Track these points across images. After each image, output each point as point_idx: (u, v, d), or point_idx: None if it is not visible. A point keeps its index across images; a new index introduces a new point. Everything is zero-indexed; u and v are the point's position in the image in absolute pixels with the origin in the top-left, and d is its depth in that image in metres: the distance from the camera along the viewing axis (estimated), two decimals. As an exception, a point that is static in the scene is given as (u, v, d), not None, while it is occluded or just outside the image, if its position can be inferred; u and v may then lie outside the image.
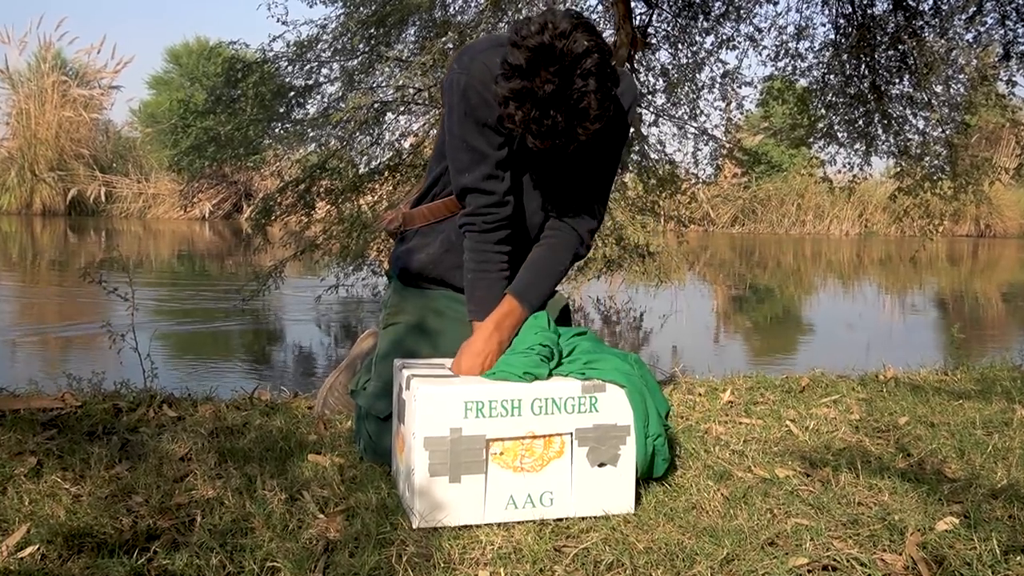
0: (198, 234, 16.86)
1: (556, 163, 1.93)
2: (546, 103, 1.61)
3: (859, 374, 3.33)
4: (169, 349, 5.61)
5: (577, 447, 1.75)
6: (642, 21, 6.66)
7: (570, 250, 2.00)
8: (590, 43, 1.61)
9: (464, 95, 1.82)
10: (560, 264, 1.99)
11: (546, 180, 1.97)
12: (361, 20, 5.92)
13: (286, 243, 7.15)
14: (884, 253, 17.21)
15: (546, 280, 1.96)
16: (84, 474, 1.86)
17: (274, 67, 6.45)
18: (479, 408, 1.69)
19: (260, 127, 6.60)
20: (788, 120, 7.65)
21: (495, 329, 1.87)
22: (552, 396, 1.73)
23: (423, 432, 1.68)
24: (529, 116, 1.63)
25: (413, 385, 1.72)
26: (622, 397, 1.78)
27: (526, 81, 1.61)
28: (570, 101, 1.61)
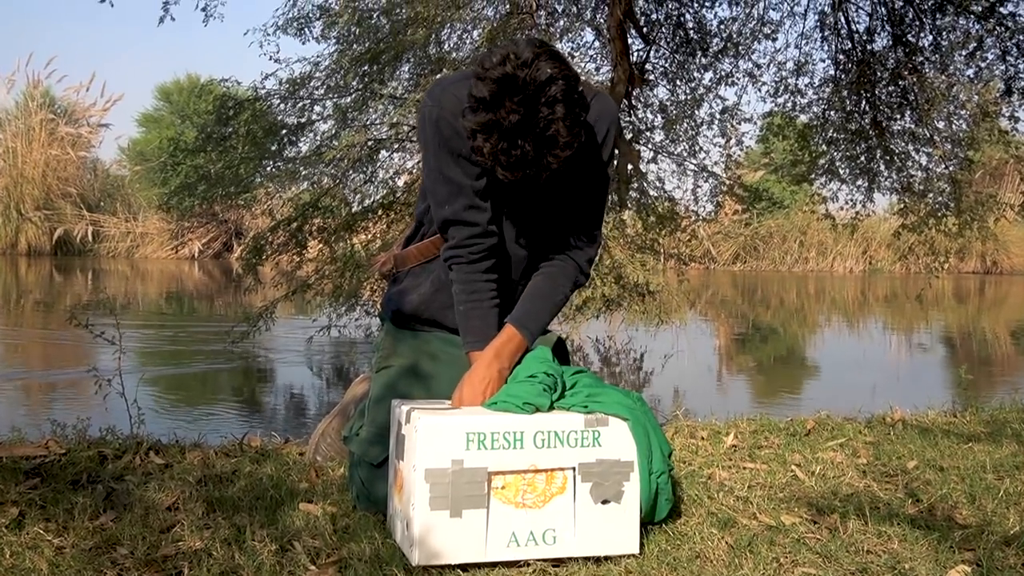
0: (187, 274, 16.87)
1: (538, 193, 1.94)
2: (513, 133, 1.63)
3: (866, 416, 3.32)
4: (157, 393, 5.58)
5: (580, 483, 1.75)
6: (640, 57, 6.74)
7: (569, 279, 2.01)
8: (554, 70, 1.63)
9: (437, 127, 1.85)
10: (559, 293, 2.00)
11: (531, 212, 1.99)
12: (355, 57, 5.98)
13: (277, 283, 7.16)
14: (889, 290, 17.24)
15: (545, 309, 1.97)
16: (67, 525, 1.85)
17: (266, 104, 6.50)
18: (480, 440, 1.69)
19: (251, 165, 6.64)
20: (789, 156, 7.71)
21: (495, 357, 1.88)
22: (555, 429, 1.73)
23: (424, 464, 1.68)
24: (497, 148, 1.65)
25: (414, 417, 1.72)
26: (625, 431, 1.78)
27: (491, 113, 1.63)
28: (537, 129, 1.63)
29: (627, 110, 6.77)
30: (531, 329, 1.93)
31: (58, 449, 2.40)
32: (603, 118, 1.92)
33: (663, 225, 7.09)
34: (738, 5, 6.83)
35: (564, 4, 6.57)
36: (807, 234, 21.46)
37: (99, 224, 19.21)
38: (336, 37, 6.33)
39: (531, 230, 2.00)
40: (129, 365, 6.27)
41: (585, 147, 1.88)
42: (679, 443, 2.78)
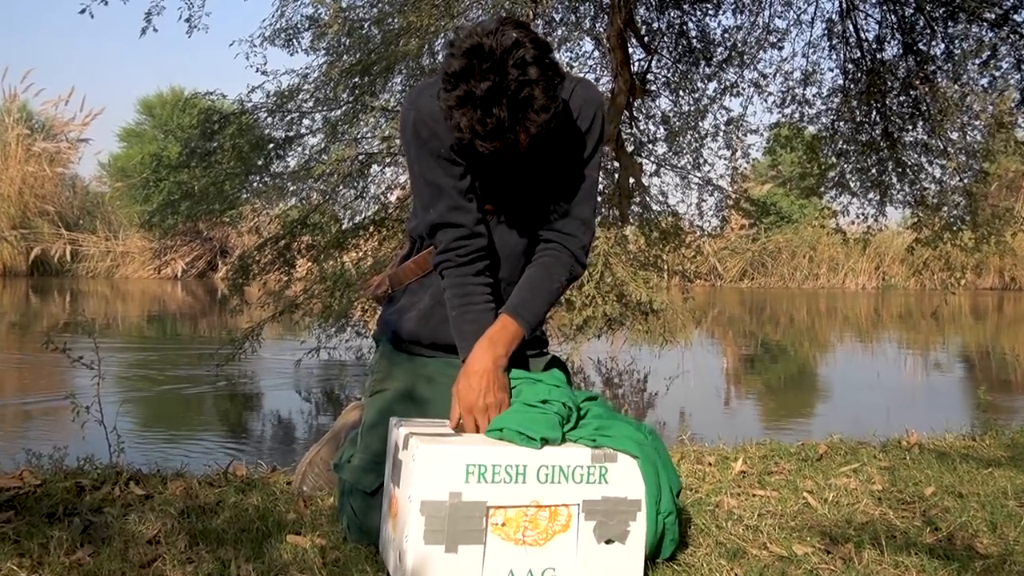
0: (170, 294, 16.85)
1: (528, 182, 1.96)
2: (486, 101, 1.66)
3: (881, 440, 3.32)
4: (137, 420, 5.56)
5: (584, 520, 1.73)
6: (641, 67, 6.78)
7: (564, 267, 2.02)
8: (520, 35, 1.68)
9: (415, 130, 1.89)
10: (555, 282, 2.01)
11: (522, 204, 2.00)
12: (345, 69, 6.01)
13: (264, 303, 7.15)
14: (904, 308, 17.25)
15: (541, 298, 1.98)
16: (43, 560, 1.83)
17: (252, 118, 6.52)
18: (481, 472, 1.68)
19: (237, 181, 6.64)
20: (797, 169, 7.75)
21: (489, 344, 1.87)
22: (560, 464, 1.72)
23: (420, 495, 1.66)
24: (473, 119, 1.68)
25: (412, 444, 1.70)
26: (634, 468, 1.76)
27: (463, 84, 1.67)
28: (509, 92, 1.66)
29: (628, 122, 6.81)
30: (526, 318, 1.93)
31: (33, 480, 2.39)
32: (589, 103, 1.95)
33: (667, 241, 7.11)
34: (742, 13, 6.89)
35: (562, 13, 6.61)
36: (817, 249, 21.51)
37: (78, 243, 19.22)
38: (326, 48, 6.37)
39: (523, 224, 2.02)
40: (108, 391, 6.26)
41: (570, 130, 1.92)
42: (685, 469, 2.77)
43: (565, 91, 1.89)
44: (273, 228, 7.13)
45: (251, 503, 2.28)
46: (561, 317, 6.88)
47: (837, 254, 21.40)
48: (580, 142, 1.96)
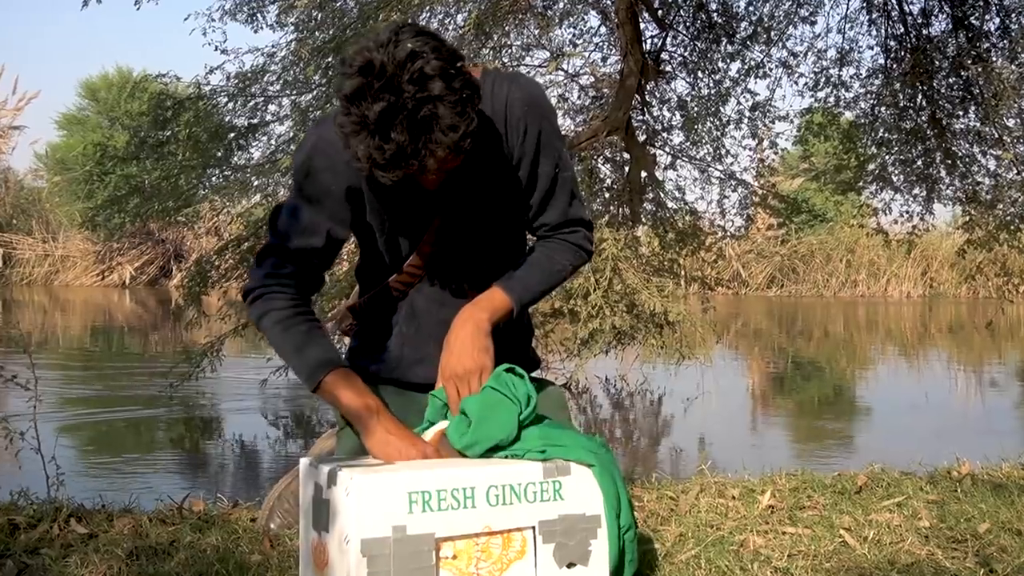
0: (117, 304, 16.84)
1: (466, 210, 1.99)
2: (382, 124, 1.62)
3: (928, 470, 3.32)
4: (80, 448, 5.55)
5: (541, 544, 1.75)
6: (654, 45, 6.79)
7: (567, 252, 2.06)
8: (418, 44, 1.63)
9: (309, 156, 1.90)
10: (555, 263, 2.04)
11: (465, 237, 2.02)
12: (316, 47, 6.01)
13: (225, 315, 7.15)
14: (954, 318, 17.28)
15: (536, 275, 2.01)
16: (-29, 609, 1.83)
17: (211, 103, 6.52)
18: (426, 500, 1.67)
19: (194, 175, 6.64)
20: (832, 160, 7.76)
21: (472, 308, 1.93)
22: (510, 482, 1.73)
23: (359, 533, 1.63)
24: (370, 146, 1.64)
25: (342, 479, 1.68)
26: (590, 479, 1.78)
27: (356, 108, 1.63)
28: (406, 113, 1.62)
29: (640, 107, 6.82)
30: (516, 290, 1.96)
31: (-40, 517, 2.38)
32: (522, 103, 1.93)
33: (684, 243, 7.11)
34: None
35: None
36: (855, 252, 21.54)
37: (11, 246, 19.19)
38: (295, 23, 6.37)
39: (476, 258, 2.04)
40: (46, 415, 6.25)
41: (506, 142, 1.93)
42: (705, 503, 2.78)
43: (494, 98, 1.90)
44: (235, 228, 7.14)
45: (209, 543, 2.28)
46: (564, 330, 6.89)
47: (878, 258, 21.43)
48: (526, 152, 1.96)
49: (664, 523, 2.59)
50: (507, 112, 1.92)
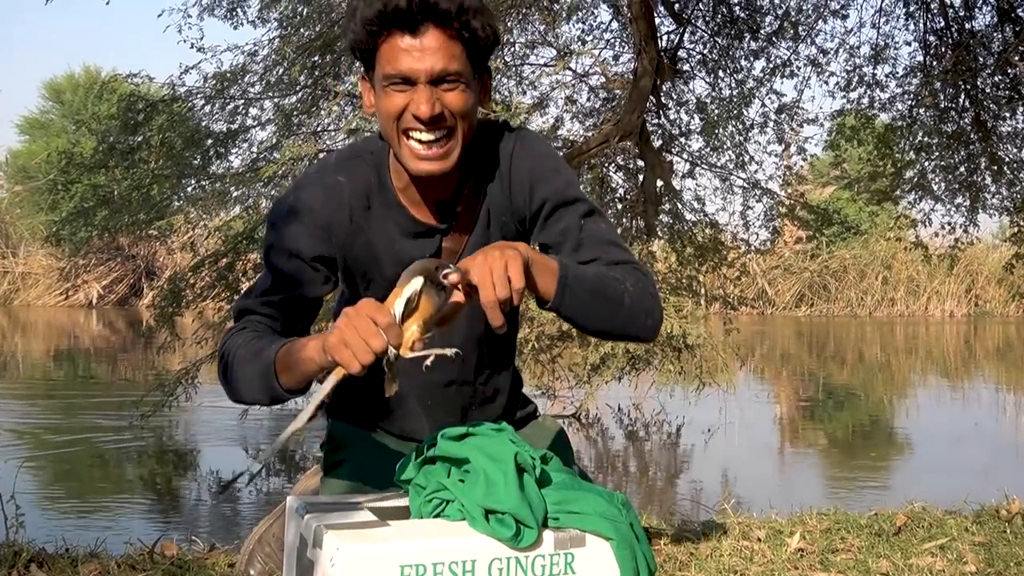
0: (82, 326, 16.86)
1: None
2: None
3: (974, 509, 3.31)
4: (42, 485, 5.55)
5: None
6: (670, 42, 6.81)
7: (625, 271, 1.96)
8: None
9: (294, 206, 1.94)
10: (611, 275, 1.93)
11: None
12: (301, 45, 6.05)
13: (201, 339, 7.15)
14: (1002, 339, 17.26)
15: (592, 274, 1.91)
16: (-79, 664, 1.83)
17: (187, 106, 6.55)
18: (420, 574, 1.64)
19: (168, 184, 6.67)
20: (867, 167, 7.77)
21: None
22: (516, 554, 1.69)
23: None
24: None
25: (328, 544, 1.66)
26: (607, 554, 1.74)
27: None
28: None
29: (655, 110, 6.84)
30: (569, 266, 1.87)
31: (-90, 562, 2.38)
32: (520, 163, 1.98)
33: (704, 258, 7.12)
34: (797, -27, 6.93)
35: (572, -27, 6.66)
36: (892, 268, 21.53)
37: (-33, 262, 19.22)
38: (278, 19, 6.41)
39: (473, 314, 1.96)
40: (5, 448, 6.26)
41: (497, 194, 1.98)
42: (728, 546, 2.77)
43: (501, 154, 1.97)
44: (212, 244, 7.14)
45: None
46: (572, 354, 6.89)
47: (917, 274, 21.41)
48: (537, 212, 1.99)
49: (683, 568, 2.58)
50: (511, 172, 1.98)
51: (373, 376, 2.10)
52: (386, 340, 1.61)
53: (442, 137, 1.84)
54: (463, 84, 1.83)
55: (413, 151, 1.85)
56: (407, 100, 1.82)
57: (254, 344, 1.86)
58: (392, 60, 1.81)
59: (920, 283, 21.63)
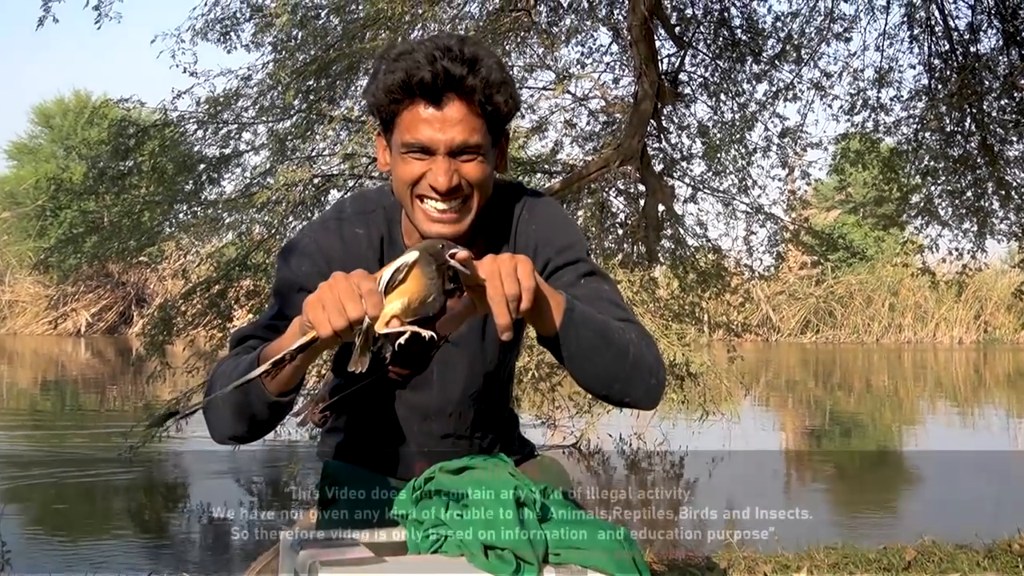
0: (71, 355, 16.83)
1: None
2: (429, 52, 1.81)
3: (986, 543, 3.31)
4: (28, 518, 5.53)
5: None
6: (671, 65, 6.84)
7: (629, 328, 1.92)
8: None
9: (302, 250, 1.96)
10: (614, 325, 1.88)
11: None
12: (296, 69, 6.06)
13: (193, 368, 7.14)
14: (1013, 367, 17.24)
15: (597, 318, 1.86)
16: None
17: (179, 131, 6.56)
18: None
19: (159, 211, 6.67)
20: (872, 192, 7.78)
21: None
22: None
23: None
24: (415, 61, 1.81)
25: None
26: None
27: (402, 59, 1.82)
28: (452, 52, 1.82)
29: (656, 134, 6.86)
30: (576, 302, 1.83)
31: None
32: (527, 228, 2.00)
33: (706, 285, 7.11)
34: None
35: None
36: (899, 294, 21.54)
37: (-47, 290, 19.21)
38: (272, 43, 6.42)
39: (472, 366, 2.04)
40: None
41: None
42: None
43: (513, 217, 2.00)
44: (204, 270, 7.13)
45: (174, 630, 2.27)
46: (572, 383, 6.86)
47: (925, 300, 21.42)
48: (542, 263, 1.98)
49: (688, 605, 2.57)
50: (518, 235, 2.00)
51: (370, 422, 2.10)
52: (363, 308, 1.56)
53: (457, 205, 1.86)
54: (481, 156, 1.84)
55: (427, 214, 1.85)
56: (424, 169, 1.83)
57: (242, 357, 1.84)
58: (412, 129, 1.82)
59: (928, 309, 21.63)
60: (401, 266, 1.63)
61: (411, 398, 2.05)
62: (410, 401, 2.06)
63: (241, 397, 1.78)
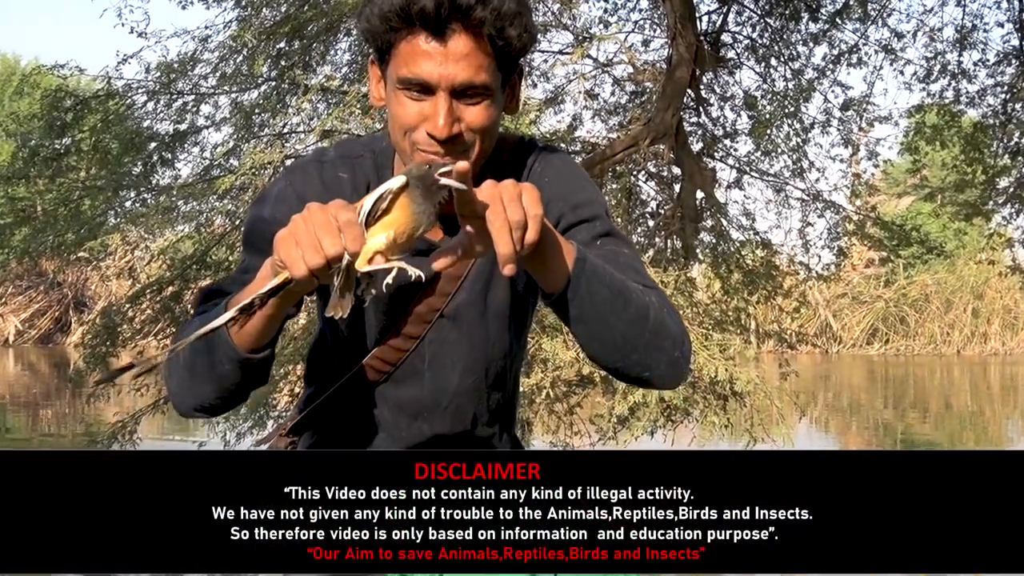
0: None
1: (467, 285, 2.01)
2: None
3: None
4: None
5: None
6: (712, 24, 6.84)
7: (650, 292, 1.94)
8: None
9: (280, 196, 1.96)
10: (633, 288, 1.87)
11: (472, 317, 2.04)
12: (265, 30, 6.05)
13: (141, 385, 7.15)
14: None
15: (616, 274, 1.86)
16: None
17: (125, 104, 6.56)
18: None
19: (102, 198, 6.66)
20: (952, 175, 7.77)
21: None
22: None
23: None
24: None
25: None
26: None
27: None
28: None
29: (695, 106, 6.86)
30: (585, 256, 1.81)
31: None
32: (540, 171, 2.01)
33: (754, 286, 7.10)
34: (865, -60, 6.94)
35: (592, -58, 6.69)
36: (984, 297, 21.49)
37: None
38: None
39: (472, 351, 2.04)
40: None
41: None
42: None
43: (527, 172, 2.00)
44: (155, 269, 7.14)
45: None
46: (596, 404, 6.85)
47: (1015, 303, 21.37)
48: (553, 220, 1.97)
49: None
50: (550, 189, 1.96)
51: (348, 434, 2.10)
52: (343, 244, 1.54)
53: (457, 153, 1.85)
54: (488, 99, 1.84)
55: (425, 161, 1.86)
56: (422, 110, 1.83)
57: (210, 312, 1.82)
58: (410, 62, 1.82)
59: (1018, 315, 21.58)
60: (384, 193, 1.60)
61: (396, 394, 2.04)
62: (395, 398, 2.05)
63: (205, 356, 1.78)
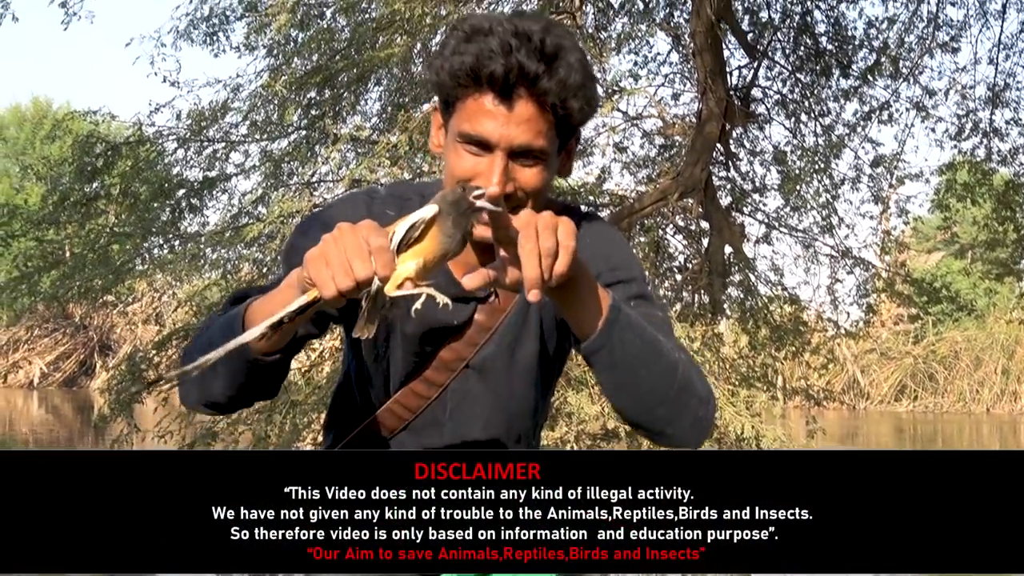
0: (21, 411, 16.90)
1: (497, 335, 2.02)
2: (504, 38, 1.83)
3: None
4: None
5: None
6: (742, 79, 6.84)
7: (681, 353, 1.94)
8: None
9: (320, 221, 1.95)
10: (664, 342, 1.89)
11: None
12: (295, 79, 6.07)
13: (166, 431, 7.15)
14: None
15: (648, 331, 1.87)
16: None
17: (155, 150, 6.59)
18: None
19: (130, 243, 6.68)
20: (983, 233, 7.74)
21: None
22: None
23: None
24: (487, 46, 1.83)
25: None
26: None
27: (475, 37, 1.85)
28: (532, 42, 1.83)
29: (724, 161, 6.86)
30: (620, 305, 1.83)
31: None
32: (591, 231, 2.02)
33: (782, 342, 7.07)
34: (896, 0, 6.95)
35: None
36: (1016, 355, 21.35)
37: None
38: (268, 47, 6.46)
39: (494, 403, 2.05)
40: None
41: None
42: None
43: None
44: (182, 315, 7.16)
45: None
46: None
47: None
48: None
49: None
50: (597, 258, 1.98)
51: None
52: (373, 267, 1.55)
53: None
54: (543, 163, 1.87)
55: (460, 185, 1.87)
56: (477, 165, 1.84)
57: (226, 314, 1.85)
58: (473, 119, 1.84)
59: (1051, 374, 21.46)
60: (417, 222, 1.61)
61: (414, 444, 2.04)
62: (414, 448, 2.05)
63: (227, 359, 1.75)
